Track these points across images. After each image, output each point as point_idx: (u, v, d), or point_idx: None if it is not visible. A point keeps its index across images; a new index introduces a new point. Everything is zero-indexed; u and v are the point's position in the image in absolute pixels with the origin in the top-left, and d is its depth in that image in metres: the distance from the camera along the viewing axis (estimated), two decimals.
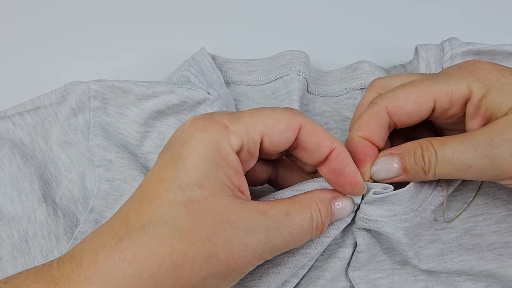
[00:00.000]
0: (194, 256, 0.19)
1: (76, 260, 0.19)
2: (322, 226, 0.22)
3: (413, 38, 0.33)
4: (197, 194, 0.19)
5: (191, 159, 0.20)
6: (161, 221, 0.19)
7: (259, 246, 0.20)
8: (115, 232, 0.19)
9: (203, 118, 0.21)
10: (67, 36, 0.37)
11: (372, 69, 0.32)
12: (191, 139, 0.20)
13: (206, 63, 0.32)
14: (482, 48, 0.30)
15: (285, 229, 0.20)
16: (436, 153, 0.22)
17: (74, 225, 0.29)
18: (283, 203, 0.22)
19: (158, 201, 0.19)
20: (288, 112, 0.21)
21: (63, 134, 0.30)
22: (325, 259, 0.27)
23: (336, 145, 0.22)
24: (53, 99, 0.31)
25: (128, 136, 0.31)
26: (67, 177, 0.30)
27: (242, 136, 0.20)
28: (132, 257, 0.18)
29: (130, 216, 0.20)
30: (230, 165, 0.20)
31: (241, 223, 0.20)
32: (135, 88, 0.30)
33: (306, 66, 0.32)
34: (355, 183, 0.23)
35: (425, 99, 0.23)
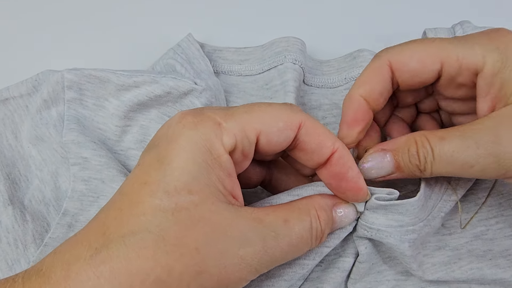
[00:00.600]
0: (182, 271, 0.17)
1: (44, 275, 0.17)
2: (322, 235, 0.21)
3: (418, 25, 0.31)
4: (186, 200, 0.17)
5: (179, 159, 0.18)
6: (144, 231, 0.17)
7: (256, 259, 0.18)
8: (91, 242, 0.17)
9: (193, 113, 0.19)
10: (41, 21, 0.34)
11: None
12: (179, 137, 0.18)
13: (194, 50, 0.30)
14: None
15: (283, 238, 0.19)
16: (433, 150, 0.20)
17: (44, 231, 0.27)
18: (281, 209, 0.20)
19: (141, 207, 0.17)
20: (287, 108, 0.20)
21: (34, 129, 0.28)
22: (324, 270, 0.25)
23: (338, 146, 0.20)
24: (24, 90, 0.29)
25: (107, 130, 0.28)
26: (38, 176, 0.28)
27: (236, 134, 0.19)
28: (109, 273, 0.16)
29: (109, 224, 0.18)
30: (222, 167, 0.19)
31: (235, 233, 0.18)
32: (114, 78, 0.27)
33: (302, 54, 0.30)
34: (358, 189, 0.21)
35: (431, 59, 0.21)
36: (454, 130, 0.20)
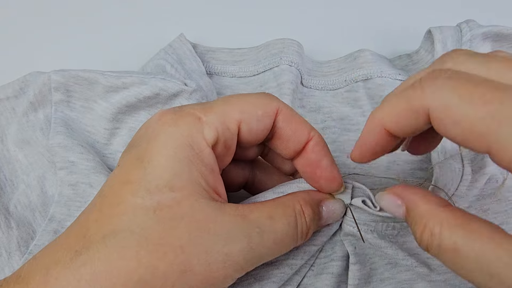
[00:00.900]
0: (166, 271, 0.17)
1: (23, 281, 0.17)
2: (307, 231, 0.20)
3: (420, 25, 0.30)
4: (168, 198, 0.17)
5: (160, 157, 0.18)
6: (126, 231, 0.17)
7: (241, 256, 0.18)
8: (71, 245, 0.17)
9: (172, 111, 0.19)
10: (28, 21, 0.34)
11: (374, 58, 0.30)
12: (159, 135, 0.18)
13: (185, 50, 0.29)
14: (503, 31, 0.27)
15: (268, 235, 0.19)
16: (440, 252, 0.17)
17: (29, 237, 0.26)
18: (265, 205, 0.20)
19: (123, 207, 0.17)
20: (263, 96, 0.20)
21: (21, 132, 0.28)
22: (316, 275, 0.24)
23: (314, 135, 0.21)
24: (10, 92, 0.28)
25: (95, 133, 0.28)
26: (25, 181, 0.27)
27: (217, 127, 0.19)
28: (90, 275, 0.16)
29: (89, 226, 0.17)
30: (204, 162, 0.19)
31: (219, 230, 0.18)
32: (102, 79, 0.27)
33: (299, 55, 0.29)
34: (332, 178, 0.21)
35: None
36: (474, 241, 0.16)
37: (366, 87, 0.29)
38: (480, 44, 0.28)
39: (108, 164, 0.28)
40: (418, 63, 0.30)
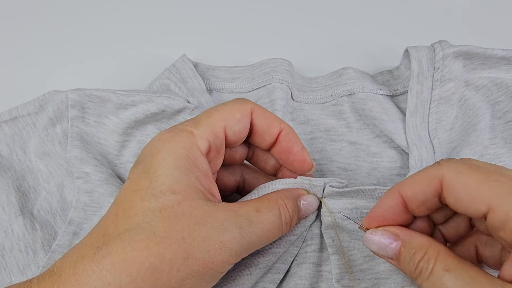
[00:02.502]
0: (171, 258, 0.20)
1: (56, 275, 0.20)
2: (291, 221, 0.24)
3: (400, 44, 0.33)
4: (171, 199, 0.21)
5: (162, 168, 0.21)
6: (137, 228, 0.20)
7: (234, 243, 0.21)
8: (93, 243, 0.20)
9: (169, 130, 0.23)
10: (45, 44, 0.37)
11: (357, 74, 0.32)
12: (161, 150, 0.22)
13: (187, 70, 0.32)
14: (473, 50, 0.30)
15: (257, 225, 0.22)
16: (432, 271, 0.20)
17: (52, 238, 0.29)
18: (252, 201, 0.23)
19: (134, 210, 0.21)
20: (238, 102, 0.24)
21: (41, 145, 0.31)
22: (299, 264, 0.27)
23: (284, 126, 0.25)
24: (31, 109, 0.31)
25: (108, 145, 0.31)
26: (46, 188, 0.30)
27: (207, 137, 0.22)
28: (110, 265, 0.19)
29: (107, 227, 0.21)
30: (199, 169, 0.22)
31: (214, 223, 0.21)
32: (113, 97, 0.30)
33: (289, 74, 0.32)
34: (303, 161, 0.25)
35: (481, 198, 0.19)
36: (464, 269, 0.19)
37: (350, 101, 0.32)
38: (452, 62, 0.30)
39: (119, 173, 0.31)
40: (399, 78, 0.33)
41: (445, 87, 0.30)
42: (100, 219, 0.22)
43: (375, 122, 0.31)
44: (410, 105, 0.30)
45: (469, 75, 0.31)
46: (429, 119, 0.30)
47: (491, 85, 0.31)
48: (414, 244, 0.21)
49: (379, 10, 0.37)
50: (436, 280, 0.19)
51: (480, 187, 0.19)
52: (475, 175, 0.19)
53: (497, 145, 0.30)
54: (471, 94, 0.31)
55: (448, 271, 0.19)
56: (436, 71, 0.30)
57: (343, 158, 0.31)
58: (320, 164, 0.31)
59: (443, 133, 0.30)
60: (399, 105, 0.32)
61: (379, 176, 0.31)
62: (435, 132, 0.30)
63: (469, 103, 0.31)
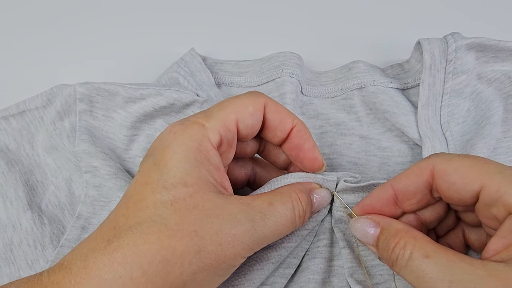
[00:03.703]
0: (183, 251, 0.20)
1: (66, 268, 0.20)
2: (304, 214, 0.24)
3: (410, 37, 0.33)
4: (182, 192, 0.21)
5: (173, 160, 0.21)
6: (149, 220, 0.20)
7: (247, 236, 0.21)
8: (103, 236, 0.20)
9: (180, 122, 0.23)
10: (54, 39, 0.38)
11: (367, 68, 0.32)
12: (171, 143, 0.22)
13: (196, 63, 0.33)
14: (486, 42, 0.30)
15: (269, 218, 0.22)
16: (409, 259, 0.20)
17: (60, 233, 0.30)
18: (265, 195, 0.23)
19: (145, 202, 0.20)
20: (251, 95, 0.24)
21: (49, 139, 0.31)
22: (311, 259, 0.27)
23: (297, 122, 0.24)
24: (39, 103, 0.31)
25: (116, 140, 0.31)
26: (54, 182, 0.31)
27: (219, 130, 0.22)
28: (121, 258, 0.19)
29: (118, 220, 0.21)
30: (211, 162, 0.22)
31: (227, 216, 0.21)
32: (122, 91, 0.30)
33: (299, 67, 0.32)
34: (314, 159, 0.25)
35: (472, 178, 0.20)
36: (443, 254, 0.20)
37: (361, 94, 0.32)
38: (464, 54, 0.30)
39: (128, 167, 0.31)
40: (409, 71, 0.33)
41: (458, 79, 0.30)
42: (111, 212, 0.22)
43: (386, 115, 0.31)
44: (422, 98, 0.30)
45: (482, 68, 0.31)
46: (441, 112, 0.30)
47: (504, 78, 0.31)
48: (391, 230, 0.22)
49: (389, 3, 0.38)
50: (416, 267, 0.20)
51: (471, 169, 0.21)
52: (465, 160, 0.21)
53: (510, 138, 0.30)
54: (483, 87, 0.31)
55: (427, 257, 0.20)
56: (448, 64, 0.30)
57: (354, 152, 0.31)
58: (330, 158, 0.31)
59: (455, 126, 0.30)
60: (410, 99, 0.32)
61: (389, 171, 0.31)
62: (448, 125, 0.30)
63: (482, 96, 0.31)
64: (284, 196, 0.23)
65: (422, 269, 0.19)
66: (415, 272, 0.20)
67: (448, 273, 0.19)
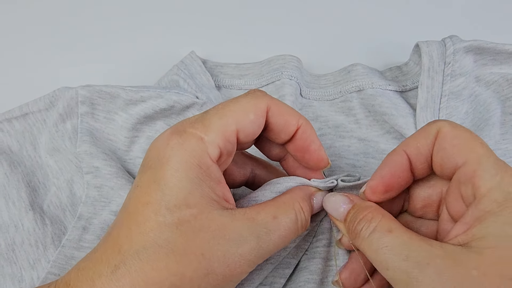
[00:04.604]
0: (192, 276, 0.20)
1: None
2: (306, 223, 0.24)
3: (409, 39, 0.33)
4: (187, 214, 0.20)
5: (174, 179, 0.20)
6: (155, 245, 0.20)
7: (253, 254, 0.21)
8: (109, 260, 0.20)
9: (178, 133, 0.21)
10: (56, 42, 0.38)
11: (366, 71, 0.33)
12: (170, 159, 0.21)
13: (196, 66, 0.33)
14: (483, 44, 0.31)
15: (274, 233, 0.22)
16: (373, 232, 0.21)
17: (61, 233, 0.30)
18: (269, 207, 0.23)
19: (148, 225, 0.20)
20: (252, 98, 0.22)
21: (51, 141, 0.32)
22: (309, 259, 0.27)
23: (302, 123, 0.24)
24: (42, 105, 0.32)
25: (117, 141, 0.32)
26: (55, 184, 0.31)
27: (219, 143, 0.21)
28: (129, 285, 0.19)
29: (122, 242, 0.20)
30: (212, 177, 0.21)
31: (233, 235, 0.21)
32: (123, 93, 0.31)
33: (298, 70, 0.33)
34: (320, 160, 0.24)
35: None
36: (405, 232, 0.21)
37: (359, 97, 0.33)
38: (462, 57, 0.31)
39: (128, 169, 0.32)
40: (408, 74, 0.34)
41: (456, 82, 0.30)
42: (111, 228, 0.22)
43: (384, 117, 0.31)
44: (421, 100, 0.30)
45: (480, 71, 0.31)
46: (439, 114, 0.30)
47: (502, 80, 0.31)
48: (362, 205, 0.23)
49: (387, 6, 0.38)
50: (376, 239, 0.21)
51: (466, 142, 0.21)
52: (467, 132, 0.22)
53: (508, 140, 0.30)
54: (481, 89, 0.31)
55: (390, 232, 0.21)
56: (447, 66, 0.30)
57: (352, 154, 0.32)
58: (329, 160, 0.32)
59: None
60: (408, 101, 0.32)
61: None
62: None
63: (480, 99, 0.31)
64: (287, 208, 0.23)
65: (382, 241, 0.20)
66: (375, 244, 0.21)
67: (406, 248, 0.20)
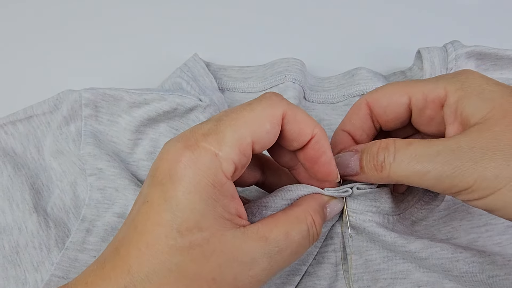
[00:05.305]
0: None
1: None
2: (317, 237, 0.24)
3: (413, 44, 0.34)
4: (198, 238, 0.20)
5: (186, 200, 0.20)
6: (165, 270, 0.19)
7: (264, 275, 0.21)
8: (118, 280, 0.20)
9: (190, 148, 0.20)
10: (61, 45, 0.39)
11: (370, 75, 0.33)
12: (182, 178, 0.20)
13: (199, 68, 0.34)
14: (485, 50, 0.31)
15: (286, 250, 0.22)
16: (396, 153, 0.22)
17: (65, 235, 0.30)
18: (281, 222, 0.22)
19: (159, 247, 0.20)
20: (268, 105, 0.21)
21: (55, 143, 0.32)
22: (318, 264, 0.28)
23: (317, 132, 0.23)
24: (46, 108, 0.33)
25: (120, 144, 0.32)
26: (59, 186, 0.32)
27: (233, 158, 0.21)
28: None
29: (131, 263, 0.20)
30: (225, 195, 0.21)
31: (245, 257, 0.20)
32: (126, 96, 0.31)
33: (301, 73, 0.33)
34: (329, 173, 0.24)
35: (399, 93, 0.24)
36: (423, 140, 0.22)
37: None
38: (464, 62, 0.31)
39: (132, 171, 0.32)
40: (412, 78, 0.34)
41: None
42: (119, 244, 0.21)
43: None
44: None
45: None
46: None
47: None
48: (369, 146, 0.24)
49: (392, 10, 0.38)
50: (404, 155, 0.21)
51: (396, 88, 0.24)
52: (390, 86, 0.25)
53: None
54: None
55: (410, 144, 0.22)
56: (448, 72, 0.31)
57: None
58: None
59: None
60: None
61: None
62: None
63: None
64: (300, 223, 0.23)
65: (410, 153, 0.21)
66: (405, 160, 0.21)
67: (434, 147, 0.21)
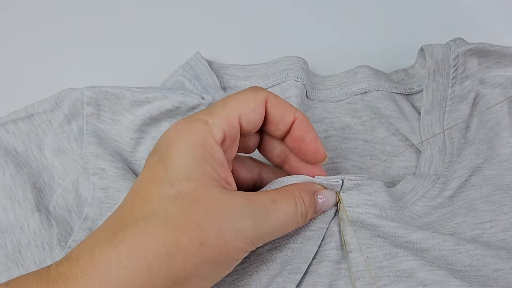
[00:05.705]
0: (187, 244, 0.21)
1: (74, 260, 0.21)
2: (306, 213, 0.25)
3: (415, 42, 0.34)
4: (187, 187, 0.21)
5: (178, 157, 0.22)
6: (154, 214, 0.21)
7: (249, 231, 0.22)
8: (109, 229, 0.21)
9: (184, 119, 0.24)
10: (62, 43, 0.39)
11: (372, 73, 0.33)
12: (177, 141, 0.23)
13: (201, 67, 0.34)
14: (488, 47, 0.31)
15: (272, 214, 0.23)
16: None
17: (67, 234, 0.31)
18: (269, 192, 0.25)
19: (150, 196, 0.22)
20: (252, 91, 0.25)
21: (57, 142, 0.32)
22: (318, 262, 0.28)
23: (298, 115, 0.25)
24: (47, 106, 0.33)
25: (122, 143, 0.32)
26: (61, 185, 0.32)
27: (223, 126, 0.23)
28: (126, 250, 0.20)
29: (123, 213, 0.22)
30: (215, 158, 0.23)
31: (230, 210, 0.22)
32: (128, 94, 0.31)
33: (304, 72, 0.33)
34: (316, 150, 0.25)
35: None
36: None
37: (365, 99, 0.33)
38: (467, 60, 0.31)
39: (134, 170, 0.32)
40: (414, 77, 0.34)
41: (461, 85, 0.31)
42: (118, 207, 0.23)
43: (390, 120, 0.32)
44: (426, 103, 0.31)
45: (484, 74, 0.32)
46: (445, 117, 0.31)
47: (506, 83, 0.32)
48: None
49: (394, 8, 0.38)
50: None
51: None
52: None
53: None
54: (486, 92, 0.32)
55: None
56: (452, 69, 0.31)
57: (358, 156, 0.32)
58: (335, 162, 0.32)
59: (458, 132, 0.31)
60: (414, 104, 0.33)
61: (393, 175, 0.32)
62: (450, 130, 0.31)
63: (484, 101, 0.31)
64: (287, 194, 0.24)
65: None
66: None
67: None
